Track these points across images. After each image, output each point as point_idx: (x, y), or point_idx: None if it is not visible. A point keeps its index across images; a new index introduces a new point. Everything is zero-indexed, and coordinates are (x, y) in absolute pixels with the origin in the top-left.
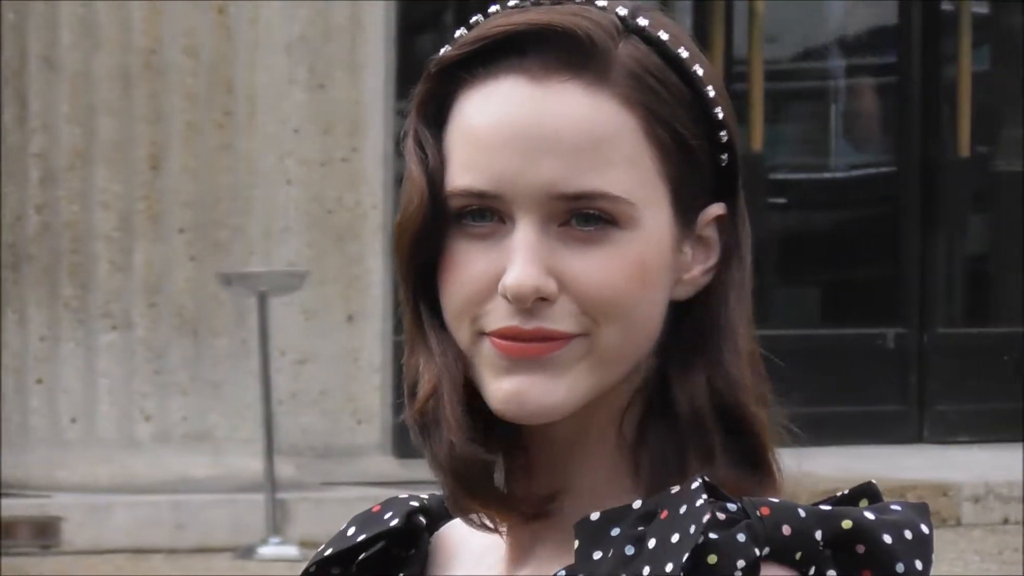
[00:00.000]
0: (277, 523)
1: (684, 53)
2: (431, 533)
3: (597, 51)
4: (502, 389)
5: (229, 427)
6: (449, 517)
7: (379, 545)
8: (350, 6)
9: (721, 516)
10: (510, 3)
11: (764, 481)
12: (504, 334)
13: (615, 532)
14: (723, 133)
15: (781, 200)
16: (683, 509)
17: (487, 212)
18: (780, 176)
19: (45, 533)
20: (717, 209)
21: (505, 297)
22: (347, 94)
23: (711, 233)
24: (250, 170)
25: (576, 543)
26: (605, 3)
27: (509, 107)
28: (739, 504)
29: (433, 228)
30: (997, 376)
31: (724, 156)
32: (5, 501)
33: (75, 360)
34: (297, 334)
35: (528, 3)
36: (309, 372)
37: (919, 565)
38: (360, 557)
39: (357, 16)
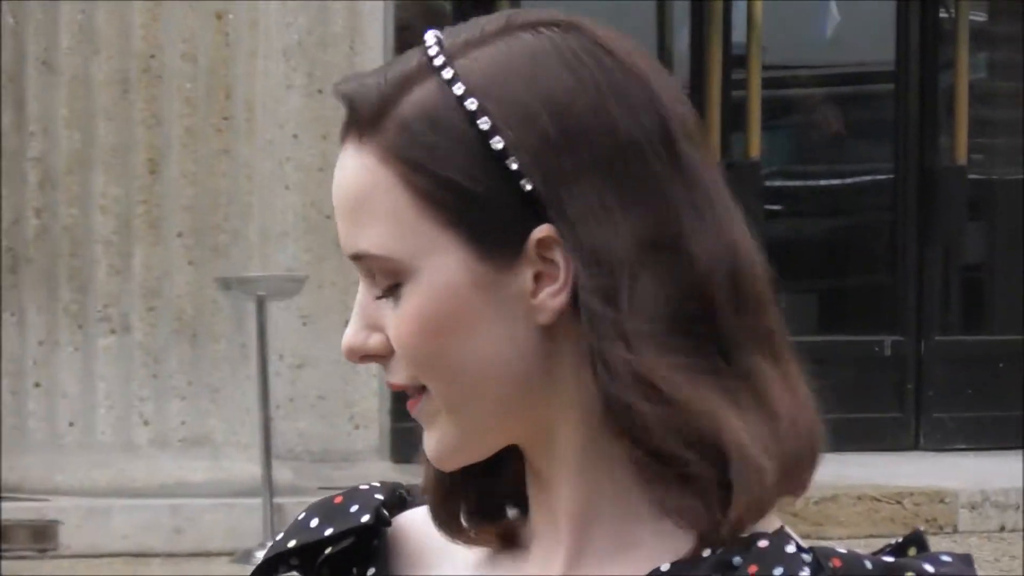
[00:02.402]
0: (275, 528)
1: (459, 89)
2: (388, 524)
3: (360, 110)
4: None
5: (227, 431)
6: (402, 507)
7: (348, 541)
8: (348, 12)
9: (803, 573)
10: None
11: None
12: None
13: None
14: (510, 161)
15: (778, 207)
16: (778, 572)
17: None
18: (777, 183)
19: (43, 537)
20: (538, 233)
21: None
22: None
23: (555, 255)
24: (249, 175)
25: None
26: (434, 40)
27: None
28: (811, 554)
29: None
30: (994, 384)
31: (525, 182)
32: (3, 505)
33: (73, 364)
34: (295, 339)
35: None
36: (307, 377)
37: None
38: (327, 551)
39: (355, 22)
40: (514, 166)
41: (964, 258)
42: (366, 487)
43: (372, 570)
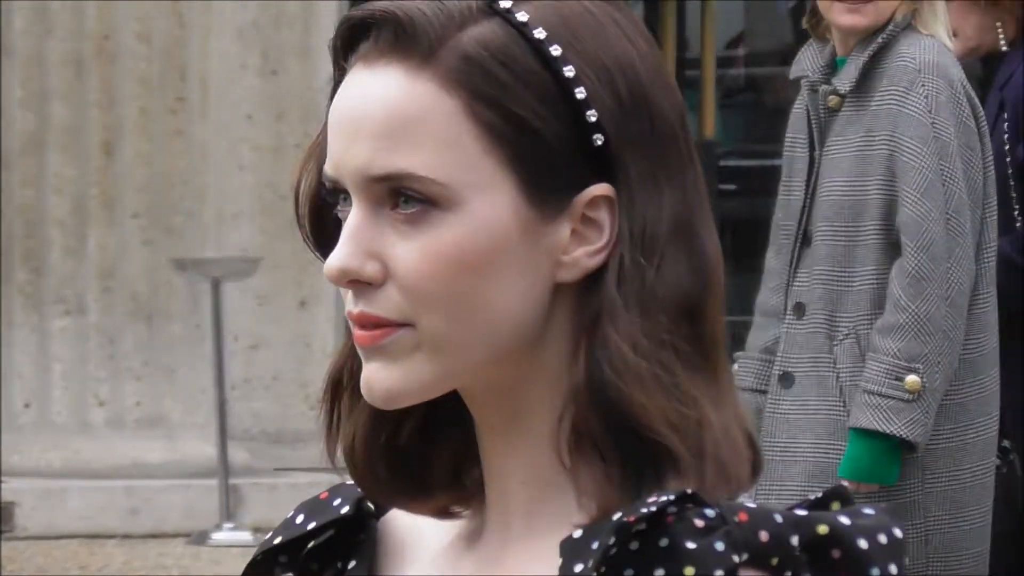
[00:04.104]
0: (230, 509)
1: (540, 34)
2: (378, 518)
3: (420, 35)
4: (362, 375)
5: (182, 412)
6: None
7: (329, 533)
8: None
9: (699, 523)
10: None
11: (656, 480)
12: (347, 319)
13: (595, 545)
14: (590, 113)
15: (732, 186)
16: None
17: (347, 196)
18: (732, 163)
19: None
20: (596, 190)
21: None
22: (300, 80)
23: (600, 215)
24: (203, 156)
25: (560, 561)
26: None
27: (343, 93)
28: (717, 510)
29: (326, 213)
30: None
31: (598, 136)
32: None
33: (28, 345)
34: (250, 319)
35: None
36: (262, 357)
37: (893, 569)
38: (310, 545)
39: (309, 3)
40: (592, 118)
41: None
42: (352, 481)
43: (353, 563)
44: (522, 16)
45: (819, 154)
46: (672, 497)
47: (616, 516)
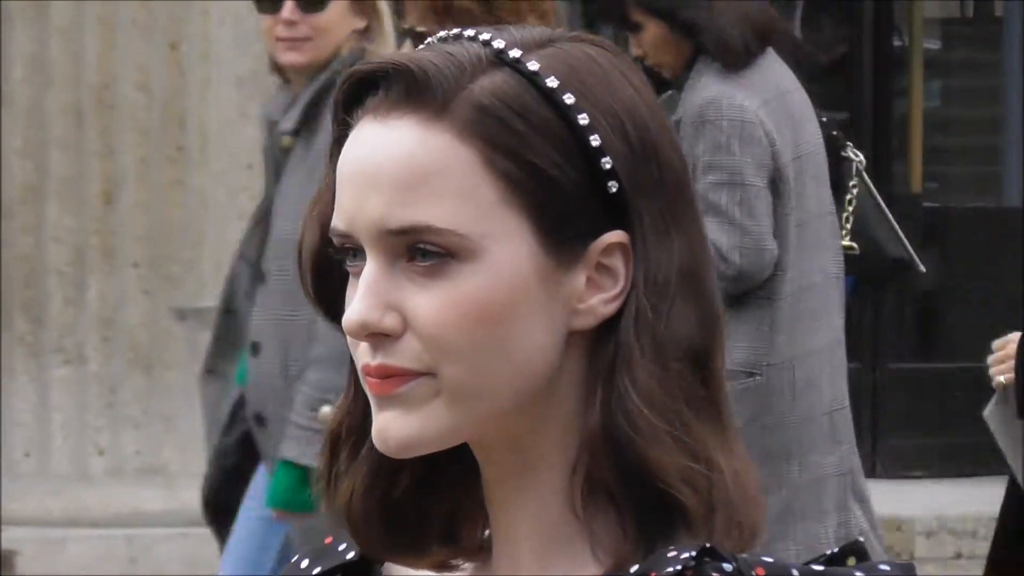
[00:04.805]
0: None
1: (553, 83)
2: (383, 563)
3: (433, 87)
4: (375, 425)
5: (182, 461)
6: None
7: None
8: None
9: None
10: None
11: (668, 531)
12: (363, 371)
13: None
14: (605, 160)
15: None
16: (670, 570)
17: (356, 251)
18: None
19: None
20: (612, 237)
21: None
22: None
23: (615, 262)
24: (202, 205)
25: None
26: (489, 35)
27: (353, 146)
28: (735, 564)
29: (329, 269)
30: (949, 411)
31: (612, 183)
32: None
33: (28, 394)
34: None
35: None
36: None
37: None
38: None
39: None
40: (607, 165)
41: (918, 285)
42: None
43: None
44: (533, 65)
45: (274, 192)
46: (694, 553)
47: (633, 569)
